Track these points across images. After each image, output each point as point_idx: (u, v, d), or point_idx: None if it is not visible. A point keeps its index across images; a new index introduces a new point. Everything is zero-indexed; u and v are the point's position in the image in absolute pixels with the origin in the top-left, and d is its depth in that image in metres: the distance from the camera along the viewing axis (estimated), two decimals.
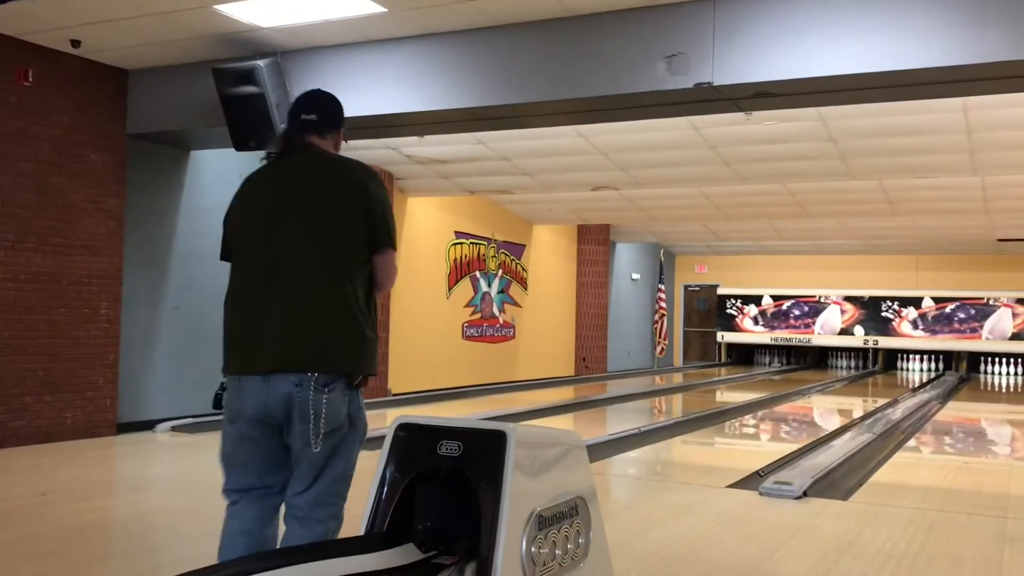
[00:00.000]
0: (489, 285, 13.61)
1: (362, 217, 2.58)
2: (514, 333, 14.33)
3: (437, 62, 6.23)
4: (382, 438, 2.38)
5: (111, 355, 7.51)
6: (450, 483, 2.29)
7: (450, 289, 12.65)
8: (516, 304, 14.40)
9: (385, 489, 2.29)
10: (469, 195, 12.17)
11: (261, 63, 6.48)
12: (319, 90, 2.84)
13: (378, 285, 2.66)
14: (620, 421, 9.65)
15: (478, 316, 13.34)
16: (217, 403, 2.74)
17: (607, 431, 8.37)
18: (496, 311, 13.82)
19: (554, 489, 2.35)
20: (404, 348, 11.45)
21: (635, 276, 18.53)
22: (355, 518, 2.34)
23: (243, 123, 6.66)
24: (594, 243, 16.41)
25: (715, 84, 5.36)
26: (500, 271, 13.90)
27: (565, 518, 2.37)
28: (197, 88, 7.01)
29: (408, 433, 2.33)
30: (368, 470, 2.41)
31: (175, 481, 5.87)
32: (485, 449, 2.20)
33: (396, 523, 2.27)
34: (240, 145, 6.81)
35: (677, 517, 4.81)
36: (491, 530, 2.10)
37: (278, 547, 2.60)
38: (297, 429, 2.51)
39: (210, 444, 7.12)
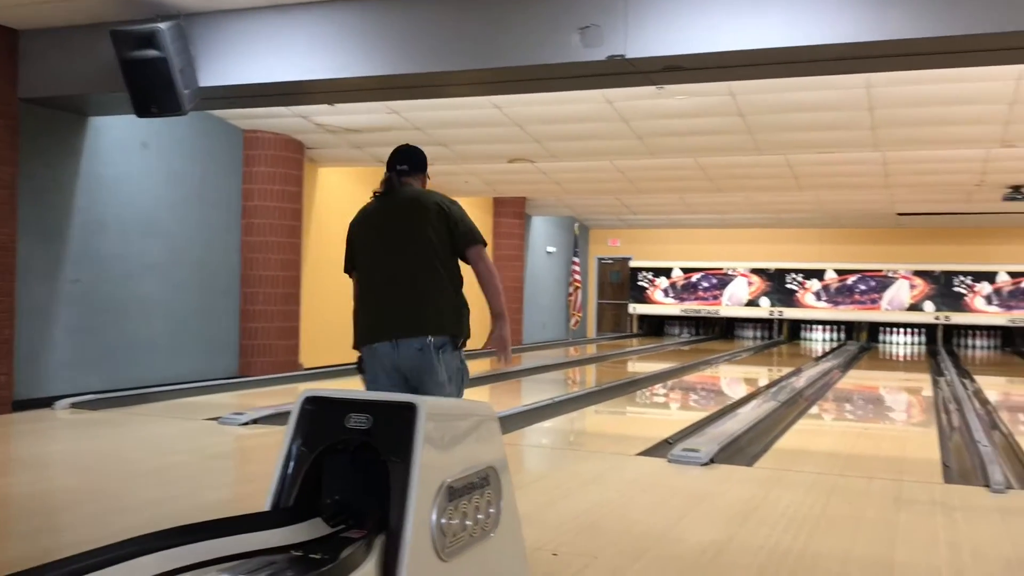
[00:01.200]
0: None
1: (446, 229, 3.63)
2: None
3: (349, 28, 6.09)
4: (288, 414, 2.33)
5: (6, 330, 7.19)
6: (359, 456, 2.25)
7: None
8: None
9: (291, 463, 2.24)
10: (382, 166, 11.98)
11: (163, 26, 6.23)
12: (408, 145, 3.94)
13: (479, 274, 3.66)
14: (534, 392, 9.72)
15: None
16: (360, 369, 3.75)
17: (521, 402, 8.42)
18: None
19: (465, 460, 2.34)
20: (316, 321, 11.28)
21: (550, 249, 18.63)
22: (260, 493, 2.28)
23: (144, 88, 6.41)
24: (509, 216, 16.42)
25: (627, 57, 5.38)
26: None
27: (476, 489, 2.36)
28: (95, 51, 6.71)
29: (315, 406, 2.29)
30: (275, 445, 2.35)
31: (75, 459, 5.67)
32: (395, 421, 2.17)
33: (303, 498, 2.22)
34: (142, 111, 6.56)
35: (588, 486, 4.86)
36: (400, 502, 2.08)
37: None
38: (426, 381, 3.54)
39: (112, 421, 6.93)
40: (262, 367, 10.11)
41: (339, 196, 12.03)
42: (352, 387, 2.78)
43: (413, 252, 3.61)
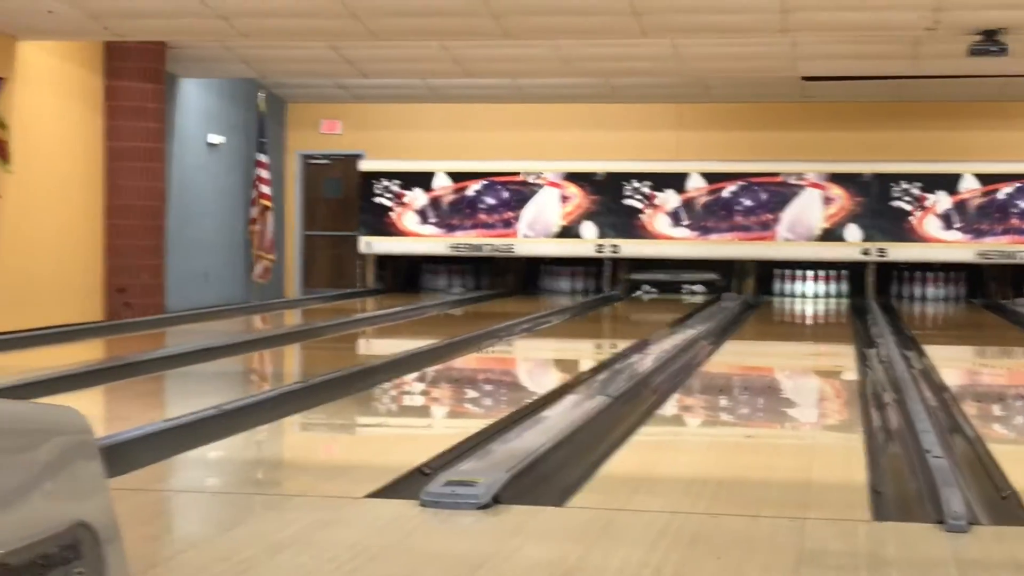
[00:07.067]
0: None
1: None
2: None
3: None
4: None
5: None
6: None
7: None
8: None
9: None
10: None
11: None
12: None
13: None
14: (187, 396, 9.61)
15: None
16: None
17: (164, 415, 8.27)
18: None
19: (27, 516, 2.24)
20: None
21: (215, 139, 18.29)
22: None
23: None
24: (138, 77, 16.04)
25: None
26: None
27: (53, 566, 2.27)
28: None
29: None
30: None
31: None
32: None
33: None
34: None
35: (281, 553, 4.81)
36: None
37: None
38: None
39: None
40: None
41: None
42: None
43: None
